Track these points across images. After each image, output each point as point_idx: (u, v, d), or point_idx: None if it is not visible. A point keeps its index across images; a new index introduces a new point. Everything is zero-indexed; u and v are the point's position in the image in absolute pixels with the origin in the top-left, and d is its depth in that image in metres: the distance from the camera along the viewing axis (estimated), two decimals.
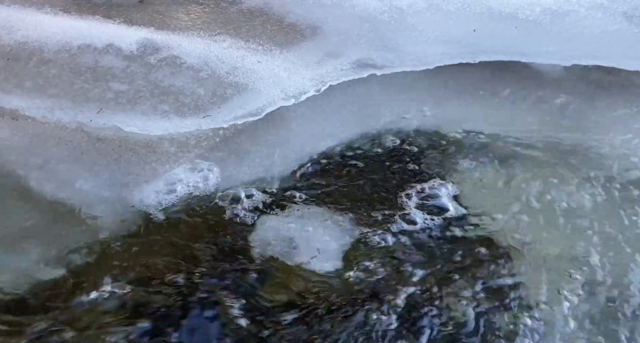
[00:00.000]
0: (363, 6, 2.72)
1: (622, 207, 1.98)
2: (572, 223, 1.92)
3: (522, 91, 2.48)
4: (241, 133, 2.19)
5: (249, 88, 2.30)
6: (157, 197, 1.94)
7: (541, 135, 2.27)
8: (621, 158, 2.17)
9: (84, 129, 2.13)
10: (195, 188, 1.98)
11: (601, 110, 2.39)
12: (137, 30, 2.54)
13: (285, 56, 2.47)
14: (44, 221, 1.86)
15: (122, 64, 2.34)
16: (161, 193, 1.95)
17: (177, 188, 1.97)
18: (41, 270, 1.73)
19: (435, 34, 2.62)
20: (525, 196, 2.01)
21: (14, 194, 1.93)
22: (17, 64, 2.33)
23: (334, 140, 2.22)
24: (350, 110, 2.34)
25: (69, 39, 2.42)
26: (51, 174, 1.98)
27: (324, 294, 1.68)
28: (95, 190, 1.95)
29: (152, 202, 1.93)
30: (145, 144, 2.10)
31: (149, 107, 2.21)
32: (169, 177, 2.00)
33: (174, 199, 1.94)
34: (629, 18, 2.68)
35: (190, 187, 1.98)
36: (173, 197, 1.95)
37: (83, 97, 2.22)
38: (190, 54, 2.40)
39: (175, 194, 1.95)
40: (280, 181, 2.04)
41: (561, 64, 2.56)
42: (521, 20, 2.67)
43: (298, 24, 2.66)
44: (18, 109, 2.16)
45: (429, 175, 2.08)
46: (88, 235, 1.83)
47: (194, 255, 1.79)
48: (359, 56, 2.49)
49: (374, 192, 2.02)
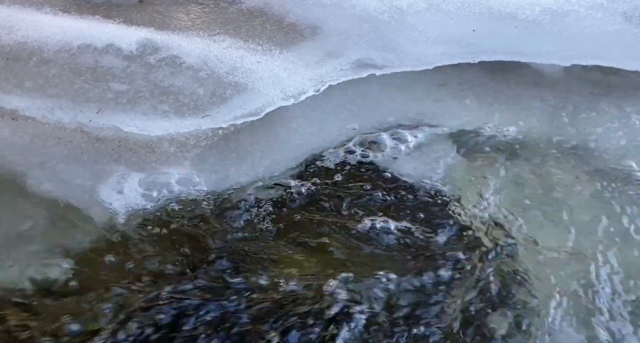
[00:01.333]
0: (363, 6, 2.72)
1: (622, 206, 1.98)
2: (572, 223, 1.92)
3: (522, 91, 2.48)
4: (240, 133, 2.19)
5: (248, 88, 2.30)
6: (158, 197, 1.94)
7: (541, 134, 2.27)
8: (621, 158, 2.17)
9: (83, 129, 2.13)
10: (195, 188, 1.98)
11: (601, 110, 2.39)
12: (136, 30, 2.55)
13: (285, 56, 2.47)
14: (43, 220, 1.86)
15: (122, 64, 2.35)
16: (161, 193, 1.95)
17: (176, 189, 1.97)
18: (40, 269, 1.74)
19: (435, 34, 2.62)
20: (525, 196, 2.02)
21: (14, 193, 1.93)
22: (17, 64, 2.33)
23: (333, 140, 2.22)
24: (350, 110, 2.34)
25: (68, 39, 2.42)
26: (51, 174, 1.99)
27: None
28: (95, 189, 1.96)
29: (152, 201, 1.93)
30: (145, 144, 2.10)
31: (148, 107, 2.21)
32: (169, 176, 2.00)
33: (174, 199, 1.94)
34: (628, 18, 2.68)
35: (191, 186, 1.99)
36: (173, 197, 1.95)
37: (83, 97, 2.22)
38: (189, 53, 2.40)
39: (175, 194, 1.96)
40: (281, 180, 2.05)
41: (561, 64, 2.56)
42: (521, 20, 2.67)
43: (298, 24, 2.66)
44: (18, 109, 2.17)
45: (428, 174, 2.09)
46: (88, 234, 1.84)
47: (194, 254, 1.79)
48: (359, 56, 2.49)
49: (374, 192, 2.02)
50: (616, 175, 2.10)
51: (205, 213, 1.92)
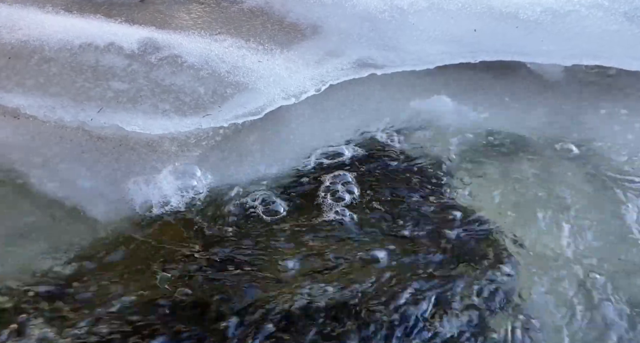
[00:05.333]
0: (364, 5, 2.72)
1: (622, 206, 1.98)
2: (571, 223, 1.92)
3: (523, 90, 2.48)
4: (241, 132, 2.19)
5: (249, 87, 2.30)
6: (158, 196, 1.95)
7: (541, 134, 2.27)
8: (622, 158, 2.17)
9: (85, 127, 2.13)
10: (196, 188, 1.99)
11: (602, 110, 2.39)
12: (138, 29, 2.55)
13: (286, 55, 2.47)
14: (44, 219, 1.87)
15: (123, 63, 2.35)
16: (161, 192, 1.96)
17: (176, 188, 1.97)
18: (41, 267, 1.74)
19: (436, 33, 2.61)
20: (525, 196, 2.02)
21: (15, 192, 1.93)
22: (18, 62, 2.33)
23: (334, 139, 2.22)
24: (351, 109, 2.35)
25: (70, 38, 2.42)
26: (52, 173, 1.99)
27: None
28: (96, 188, 1.96)
29: (153, 200, 1.93)
30: (146, 143, 2.10)
31: (149, 106, 2.21)
32: (170, 176, 2.00)
33: (174, 198, 1.95)
34: (630, 18, 2.68)
35: (191, 186, 1.99)
36: (173, 196, 1.95)
37: (84, 96, 2.22)
38: (191, 53, 2.40)
39: (176, 193, 1.96)
40: (281, 180, 2.05)
41: (562, 63, 2.56)
42: (522, 20, 2.67)
43: (299, 23, 2.66)
44: (19, 108, 2.17)
45: (429, 174, 2.09)
46: (88, 233, 1.84)
47: (194, 253, 1.80)
48: (360, 55, 2.49)
49: (375, 191, 2.03)
50: (617, 175, 2.10)
51: (205, 212, 1.92)
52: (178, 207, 1.93)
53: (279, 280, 1.72)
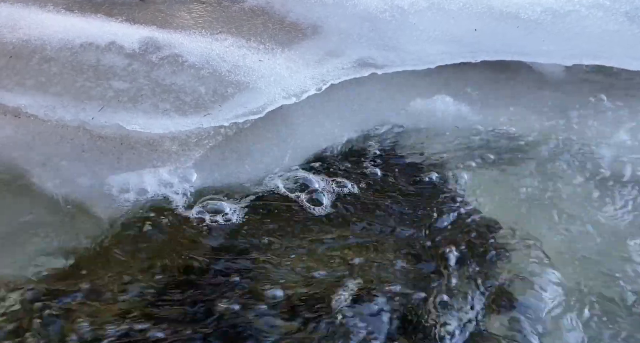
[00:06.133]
0: (364, 5, 2.72)
1: (623, 206, 1.99)
2: (571, 223, 1.93)
3: (523, 90, 2.48)
4: (242, 131, 2.20)
5: (250, 86, 2.30)
6: (158, 195, 1.95)
7: (541, 134, 2.27)
8: (622, 157, 2.17)
9: (85, 127, 2.13)
10: (196, 187, 1.99)
11: (602, 110, 2.39)
12: (139, 29, 2.55)
13: (287, 55, 2.47)
14: (45, 217, 1.87)
15: (123, 62, 2.35)
16: (162, 191, 1.96)
17: (177, 187, 1.98)
18: (42, 265, 1.75)
19: (436, 33, 2.62)
20: (525, 195, 2.02)
21: (16, 191, 1.94)
22: (19, 62, 2.33)
23: (334, 138, 2.22)
24: (351, 109, 2.35)
25: (71, 37, 2.42)
26: (53, 172, 1.99)
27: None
28: (97, 187, 1.96)
29: (153, 200, 1.94)
30: (147, 142, 2.11)
31: (150, 105, 2.21)
32: (170, 175, 2.01)
33: (174, 198, 1.95)
34: (630, 18, 2.68)
35: (191, 185, 1.99)
36: (173, 196, 1.95)
37: (85, 95, 2.23)
38: (191, 52, 2.40)
39: (176, 193, 1.96)
40: (281, 180, 2.05)
41: (562, 63, 2.56)
42: (522, 19, 2.67)
43: (299, 23, 2.66)
44: (20, 107, 2.17)
45: (429, 174, 2.09)
46: (89, 232, 1.85)
47: (194, 253, 1.80)
48: (360, 55, 2.50)
49: (374, 191, 2.03)
50: (617, 175, 2.10)
51: (205, 212, 1.92)
52: (178, 207, 1.93)
53: (281, 280, 1.72)
